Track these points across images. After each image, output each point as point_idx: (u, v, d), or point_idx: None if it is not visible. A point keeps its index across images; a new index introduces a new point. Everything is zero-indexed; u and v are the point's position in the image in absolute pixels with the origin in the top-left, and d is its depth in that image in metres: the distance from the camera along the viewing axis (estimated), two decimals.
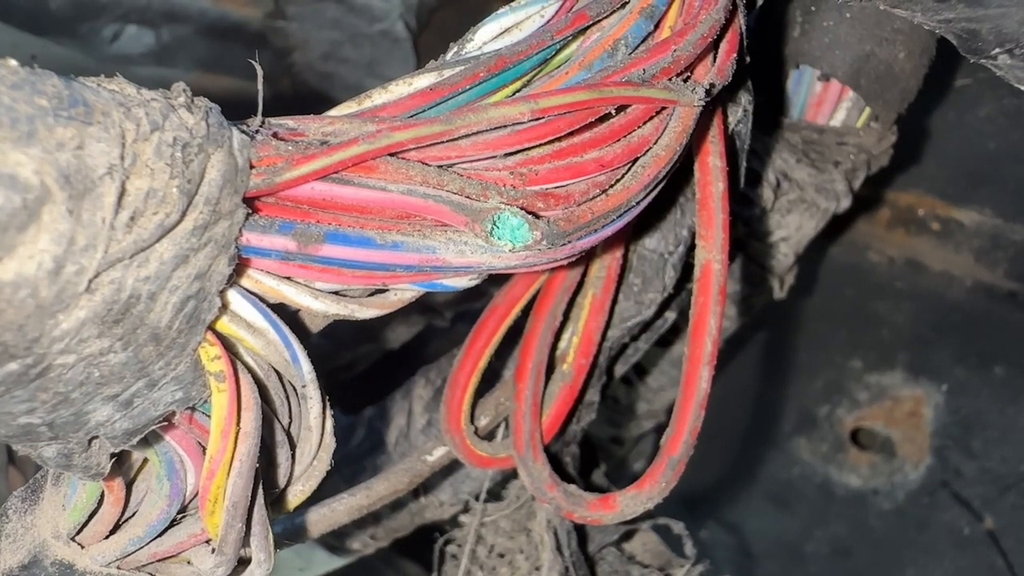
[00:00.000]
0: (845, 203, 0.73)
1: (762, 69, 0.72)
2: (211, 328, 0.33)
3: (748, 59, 0.50)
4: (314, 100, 1.26)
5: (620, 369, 0.60)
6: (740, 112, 0.52)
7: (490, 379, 0.55)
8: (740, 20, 0.47)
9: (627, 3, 0.45)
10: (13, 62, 0.31)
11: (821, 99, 0.70)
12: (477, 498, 0.61)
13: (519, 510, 0.60)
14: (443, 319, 0.81)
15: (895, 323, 1.22)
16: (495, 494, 0.62)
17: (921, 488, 1.26)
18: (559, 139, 0.39)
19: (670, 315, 0.60)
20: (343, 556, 0.69)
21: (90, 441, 0.33)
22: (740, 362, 1.32)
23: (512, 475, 0.61)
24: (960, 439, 1.21)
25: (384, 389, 0.69)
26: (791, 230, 0.72)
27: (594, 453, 0.65)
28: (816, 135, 0.69)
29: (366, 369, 0.88)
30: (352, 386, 0.81)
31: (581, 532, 0.63)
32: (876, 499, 1.31)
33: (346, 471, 0.63)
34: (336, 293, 0.38)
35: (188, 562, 0.42)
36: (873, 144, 0.70)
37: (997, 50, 0.37)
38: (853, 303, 1.24)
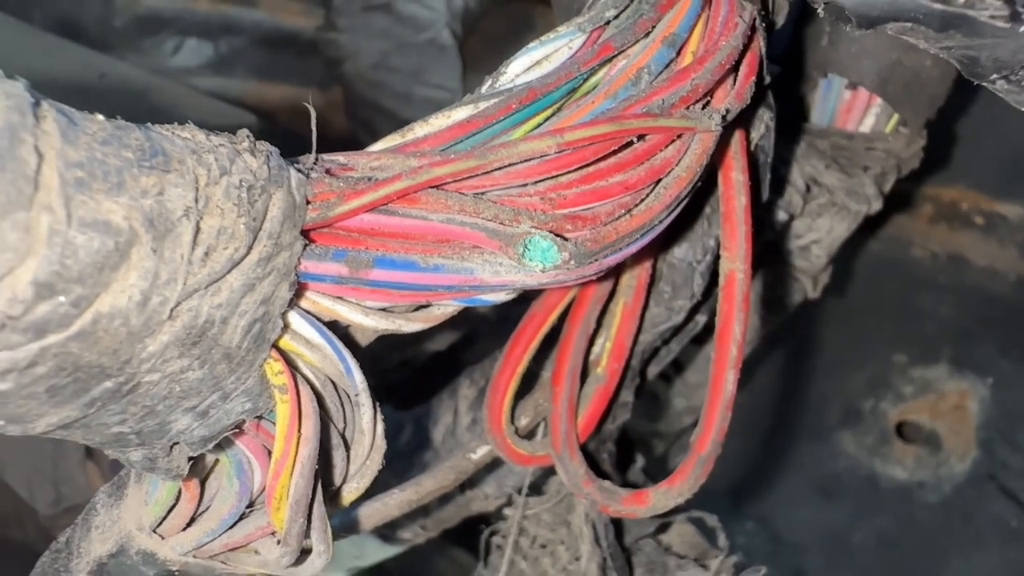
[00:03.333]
0: (876, 205, 0.75)
1: (793, 77, 0.75)
2: (275, 346, 0.37)
3: (768, 79, 0.52)
4: (364, 107, 1.31)
5: (653, 370, 0.63)
6: (763, 128, 0.54)
7: (530, 381, 0.58)
8: (760, 43, 0.50)
9: (650, 32, 0.48)
10: (100, 117, 0.35)
11: (850, 106, 0.72)
12: (520, 492, 0.65)
13: (559, 504, 0.64)
14: (486, 323, 0.85)
15: (939, 317, 1.22)
16: (537, 488, 0.66)
17: (967, 481, 1.27)
18: (585, 165, 0.42)
19: (701, 318, 0.63)
20: (395, 545, 0.74)
21: (172, 447, 0.38)
22: (786, 357, 1.34)
23: (552, 471, 0.65)
24: (1006, 432, 1.21)
25: (432, 389, 0.73)
26: (823, 232, 0.74)
27: (631, 450, 0.68)
28: (845, 141, 0.71)
29: (415, 370, 0.92)
30: (402, 386, 0.85)
31: (618, 524, 0.66)
32: (922, 492, 1.32)
33: (396, 466, 0.68)
34: (384, 310, 0.42)
35: (256, 552, 0.47)
36: (902, 148, 0.72)
37: (995, 75, 0.40)
38: (897, 298, 1.25)
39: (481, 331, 0.88)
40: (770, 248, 0.74)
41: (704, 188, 0.54)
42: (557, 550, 0.65)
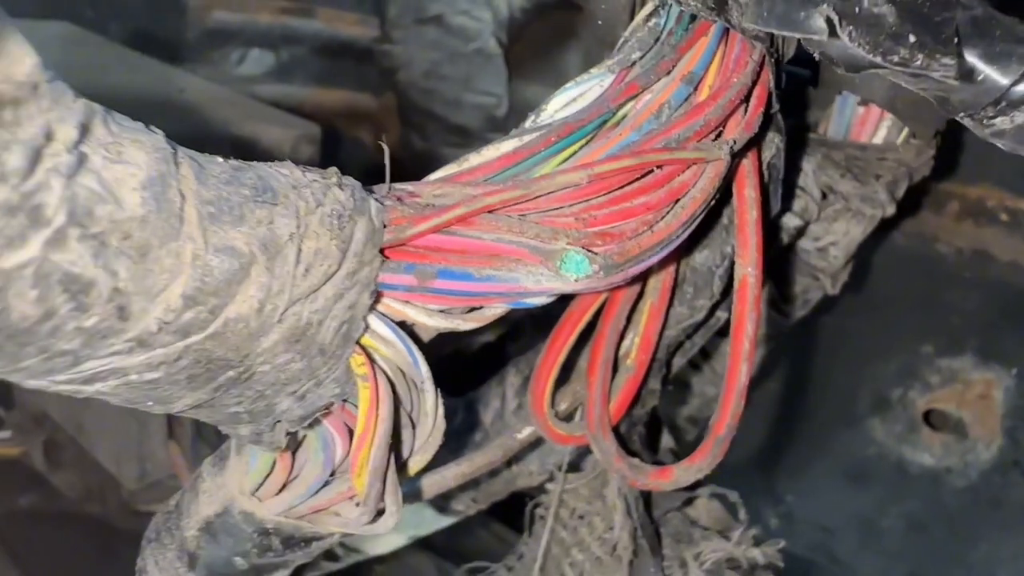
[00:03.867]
0: (890, 210, 0.81)
1: (811, 94, 0.81)
2: (358, 342, 0.46)
3: (777, 108, 0.59)
4: (417, 113, 1.39)
5: (678, 362, 0.70)
6: (773, 149, 0.61)
7: (568, 371, 0.66)
8: (768, 78, 0.57)
9: (671, 71, 0.56)
10: (220, 159, 0.43)
11: (863, 120, 0.78)
12: (560, 468, 0.73)
13: (595, 479, 0.72)
14: (530, 319, 0.93)
15: (965, 310, 1.27)
16: (575, 466, 0.74)
17: (993, 467, 1.32)
18: (613, 190, 0.50)
19: (722, 315, 0.70)
20: (450, 516, 0.82)
21: (275, 424, 0.46)
22: (817, 348, 1.40)
23: (589, 450, 0.73)
24: None
25: (482, 377, 0.81)
26: (839, 235, 0.81)
27: (659, 433, 0.76)
28: (859, 152, 0.78)
29: (468, 360, 1.00)
30: (456, 374, 0.93)
31: (648, 499, 0.74)
32: (949, 477, 1.37)
33: (451, 445, 0.76)
34: (444, 311, 0.51)
35: (337, 514, 0.56)
36: (912, 158, 0.78)
37: (962, 114, 0.46)
38: (924, 292, 1.30)
39: (526, 326, 0.96)
40: (789, 250, 0.81)
41: (722, 201, 0.61)
42: (593, 521, 0.73)
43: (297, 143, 1.05)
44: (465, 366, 0.92)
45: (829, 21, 0.41)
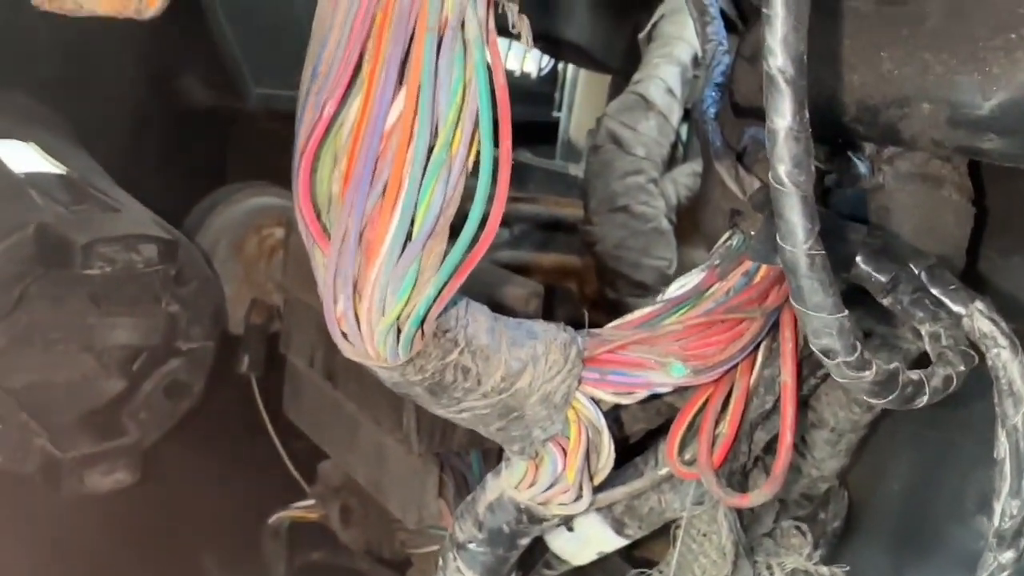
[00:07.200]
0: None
1: None
2: (571, 404, 0.96)
3: None
4: (609, 272, 1.92)
5: (760, 435, 1.15)
6: None
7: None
8: None
9: (736, 269, 1.04)
10: (511, 319, 0.96)
11: None
12: (688, 503, 1.18)
13: (712, 509, 1.17)
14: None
15: None
16: (700, 502, 1.19)
17: None
18: (699, 332, 0.98)
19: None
20: (624, 538, 1.28)
21: (531, 443, 0.97)
22: (929, 459, 1.73)
23: (706, 492, 1.18)
24: None
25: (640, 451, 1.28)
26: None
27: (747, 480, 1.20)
28: None
29: (635, 444, 1.47)
30: (627, 451, 1.41)
31: (745, 527, 1.17)
32: None
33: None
34: (614, 392, 1.00)
35: (557, 504, 1.04)
36: None
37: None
38: None
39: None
40: None
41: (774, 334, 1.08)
42: (712, 537, 1.17)
43: (529, 298, 1.59)
44: (633, 447, 1.40)
45: (781, 259, 0.88)
